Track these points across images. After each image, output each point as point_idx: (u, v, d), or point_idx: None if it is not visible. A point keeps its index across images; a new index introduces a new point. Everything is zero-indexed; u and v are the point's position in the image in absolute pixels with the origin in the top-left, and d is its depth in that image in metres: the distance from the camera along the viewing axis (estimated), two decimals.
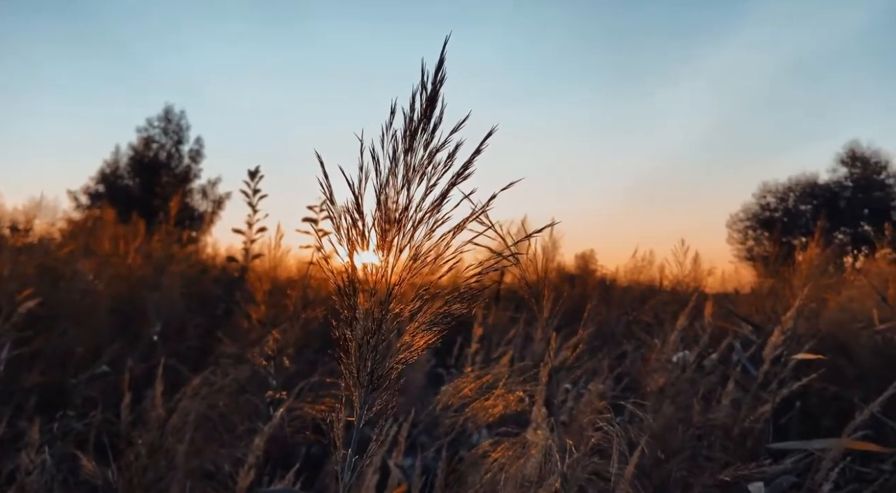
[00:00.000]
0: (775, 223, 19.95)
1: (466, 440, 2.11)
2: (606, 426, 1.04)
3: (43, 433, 1.54)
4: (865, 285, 3.11)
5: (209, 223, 19.43)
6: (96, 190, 21.53)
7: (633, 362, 2.66)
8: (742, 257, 20.20)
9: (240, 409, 1.74)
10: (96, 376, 2.21)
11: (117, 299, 3.11)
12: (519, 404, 1.21)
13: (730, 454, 1.87)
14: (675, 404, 2.05)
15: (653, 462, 1.74)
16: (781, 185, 21.17)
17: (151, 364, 2.51)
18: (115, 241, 4.19)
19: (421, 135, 0.59)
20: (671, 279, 4.16)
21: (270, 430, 1.29)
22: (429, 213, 0.60)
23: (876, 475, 1.76)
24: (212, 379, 1.78)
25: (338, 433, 0.58)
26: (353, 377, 0.58)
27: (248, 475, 1.32)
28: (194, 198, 22.23)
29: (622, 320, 3.62)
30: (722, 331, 2.71)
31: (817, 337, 2.32)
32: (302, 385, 1.81)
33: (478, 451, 1.25)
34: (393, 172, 0.59)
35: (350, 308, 0.58)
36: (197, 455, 1.50)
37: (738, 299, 4.50)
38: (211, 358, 2.59)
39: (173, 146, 22.79)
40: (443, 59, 0.59)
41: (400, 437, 1.46)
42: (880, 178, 19.95)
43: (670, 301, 3.59)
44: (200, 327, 3.16)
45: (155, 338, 2.75)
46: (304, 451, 2.00)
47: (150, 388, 1.67)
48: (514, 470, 1.03)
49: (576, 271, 6.32)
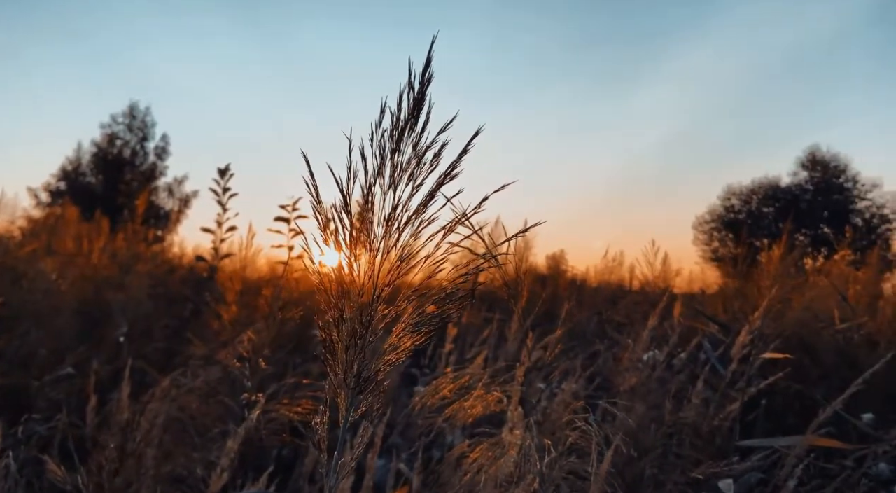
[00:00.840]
0: (739, 225, 20.44)
1: (441, 442, 2.11)
2: (584, 425, 1.05)
3: (6, 437, 1.49)
4: (827, 286, 3.21)
5: (176, 222, 19.05)
6: (58, 187, 20.93)
7: (606, 361, 2.70)
8: (708, 258, 20.66)
9: (211, 411, 1.71)
10: (61, 378, 2.14)
11: (82, 299, 3.03)
12: (497, 405, 1.21)
13: (700, 452, 1.91)
14: (646, 402, 2.08)
15: (626, 461, 1.76)
16: (745, 187, 21.72)
17: (118, 366, 2.45)
18: (79, 240, 4.08)
19: (408, 135, 0.59)
20: (641, 280, 4.23)
21: (245, 432, 1.27)
22: (416, 213, 0.60)
23: (839, 470, 1.81)
24: (181, 381, 1.75)
25: (322, 435, 0.57)
26: (338, 379, 0.57)
27: (220, 478, 1.30)
28: (160, 196, 21.77)
29: (594, 319, 3.67)
30: (691, 330, 2.76)
31: (782, 336, 2.38)
32: (276, 387, 1.78)
33: (455, 452, 1.25)
34: (380, 172, 0.58)
35: (337, 309, 0.57)
36: (167, 459, 1.47)
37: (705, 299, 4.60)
38: (179, 360, 2.53)
39: (138, 143, 22.28)
40: (430, 59, 0.58)
41: (376, 438, 1.45)
42: (839, 181, 20.60)
43: (641, 301, 3.65)
44: (168, 328, 3.09)
45: (121, 339, 2.68)
46: (276, 453, 1.97)
47: (117, 390, 1.63)
48: (493, 471, 1.03)
49: (547, 272, 6.38)
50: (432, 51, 0.59)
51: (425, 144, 0.59)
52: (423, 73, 0.59)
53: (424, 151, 0.59)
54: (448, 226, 0.59)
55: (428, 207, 0.60)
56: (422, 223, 0.60)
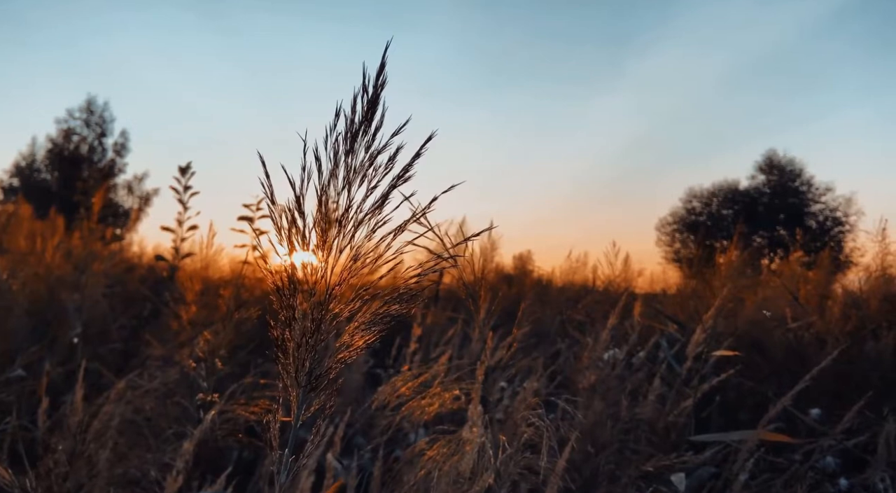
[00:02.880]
0: (700, 227, 20.94)
1: (403, 440, 2.11)
2: (538, 423, 1.07)
3: None
4: (779, 286, 3.32)
5: (135, 220, 18.56)
6: (10, 184, 20.24)
7: (567, 360, 2.74)
8: (669, 259, 21.08)
9: (168, 413, 1.68)
10: (11, 380, 2.08)
11: (34, 299, 2.94)
12: (455, 403, 1.23)
13: (655, 447, 1.96)
14: (604, 400, 2.12)
15: (583, 457, 1.80)
16: (706, 190, 22.25)
17: (71, 368, 2.39)
18: (32, 238, 3.96)
19: (362, 137, 0.60)
20: (604, 280, 4.30)
21: (200, 434, 1.26)
22: (369, 214, 0.61)
23: (788, 464, 1.88)
24: (138, 382, 1.71)
25: (274, 433, 0.58)
26: (290, 377, 0.58)
27: (175, 480, 1.28)
28: (119, 194, 21.22)
29: (557, 319, 3.72)
30: (650, 329, 2.83)
31: (735, 335, 2.46)
32: (234, 387, 1.76)
33: (414, 450, 1.26)
34: (334, 174, 0.59)
35: (289, 308, 0.58)
36: (121, 461, 1.44)
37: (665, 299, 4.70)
38: (136, 361, 2.48)
39: (96, 139, 21.69)
40: (384, 64, 0.59)
41: (336, 437, 1.45)
42: (795, 185, 21.28)
43: (602, 301, 3.71)
44: (125, 329, 3.02)
45: (75, 340, 2.61)
46: (236, 455, 1.95)
47: (70, 393, 1.59)
48: (447, 467, 1.04)
49: (514, 272, 6.43)
50: (386, 55, 0.60)
51: (378, 147, 0.60)
52: (377, 77, 0.60)
53: (377, 153, 0.60)
54: (399, 227, 0.60)
55: (383, 209, 0.62)
56: (376, 224, 0.61)
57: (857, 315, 2.91)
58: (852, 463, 2.02)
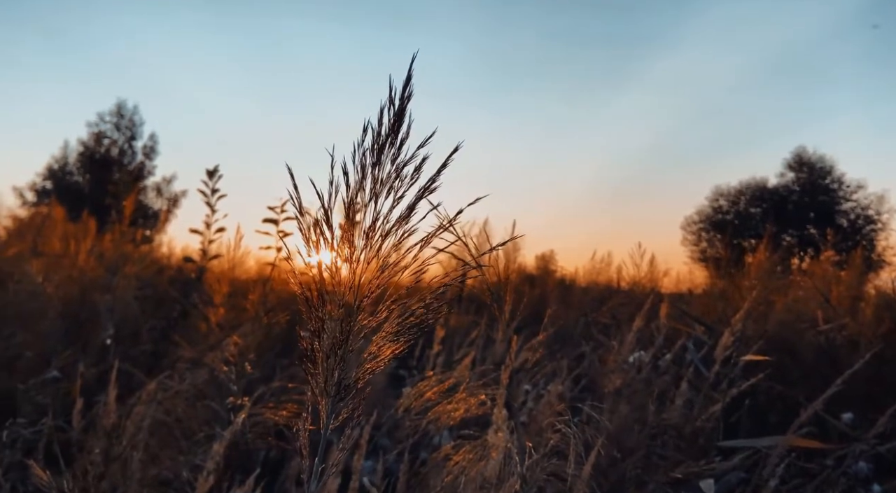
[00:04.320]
0: (727, 226, 20.60)
1: (428, 443, 2.12)
2: (564, 428, 1.06)
3: None
4: (810, 287, 3.25)
5: (164, 222, 18.90)
6: (43, 187, 20.74)
7: (591, 363, 2.72)
8: (696, 259, 20.78)
9: (198, 414, 1.71)
10: (47, 381, 2.13)
11: (68, 301, 3.01)
12: (480, 408, 1.23)
13: (682, 453, 1.93)
14: (630, 404, 2.10)
15: (609, 462, 1.78)
16: (733, 188, 21.87)
17: (104, 369, 2.44)
18: (65, 240, 4.05)
19: (388, 150, 0.60)
20: (628, 280, 4.26)
21: (230, 436, 1.28)
22: (396, 225, 0.61)
23: (819, 470, 1.85)
24: (168, 384, 1.75)
25: (304, 442, 0.59)
26: (319, 387, 0.59)
27: (206, 481, 1.31)
28: (148, 196, 21.64)
29: (581, 321, 3.69)
30: (676, 331, 2.79)
31: (765, 338, 2.42)
32: (262, 391, 1.79)
33: (440, 454, 1.26)
34: (361, 186, 0.60)
35: (318, 319, 0.59)
36: (153, 462, 1.47)
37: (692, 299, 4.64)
38: (166, 362, 2.53)
39: (126, 142, 22.13)
40: (410, 76, 0.60)
41: (361, 440, 1.46)
42: (825, 182, 20.82)
43: (627, 302, 3.68)
44: (155, 330, 3.08)
45: (108, 342, 2.67)
46: (263, 456, 1.98)
47: (103, 393, 1.63)
48: (474, 473, 1.05)
49: (536, 272, 6.40)
50: (412, 69, 0.60)
51: (404, 159, 0.60)
52: (404, 90, 0.60)
53: (403, 165, 0.60)
54: (425, 238, 0.60)
55: (410, 219, 0.62)
56: (403, 234, 0.62)
57: (891, 317, 2.84)
58: (885, 469, 1.97)
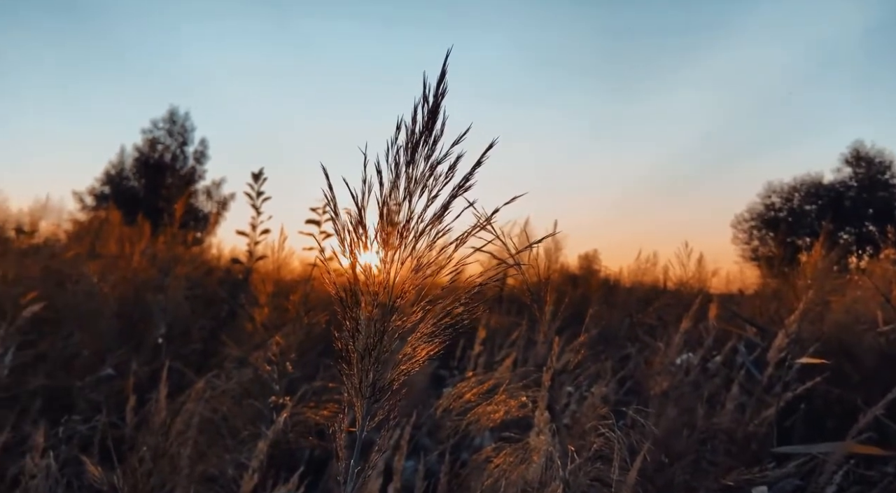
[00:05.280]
0: (780, 223, 19.91)
1: (470, 444, 2.11)
2: (608, 432, 1.04)
3: (48, 437, 1.55)
4: (869, 287, 3.10)
5: (214, 224, 19.47)
6: (102, 191, 21.63)
7: (637, 364, 2.66)
8: (747, 258, 20.16)
9: (243, 413, 1.75)
10: (101, 379, 2.21)
11: (122, 301, 3.12)
12: (521, 410, 1.21)
13: (734, 459, 1.87)
14: (678, 407, 2.05)
15: (656, 467, 1.74)
16: (786, 185, 21.12)
17: (156, 367, 2.52)
18: (121, 243, 4.20)
19: (422, 148, 0.59)
20: (675, 281, 4.16)
21: (273, 434, 1.30)
22: (430, 224, 0.61)
23: (879, 477, 1.76)
24: (215, 383, 1.79)
25: (340, 443, 0.58)
26: (354, 388, 0.59)
27: (251, 479, 1.33)
28: (199, 199, 22.32)
29: (626, 322, 3.62)
30: (726, 333, 2.71)
31: (821, 340, 2.32)
32: (304, 390, 1.81)
33: (481, 456, 1.25)
34: (395, 185, 0.59)
35: (352, 320, 0.59)
36: (201, 460, 1.51)
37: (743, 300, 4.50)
38: (215, 361, 2.59)
39: (178, 147, 22.90)
40: (444, 73, 0.59)
41: (402, 441, 1.46)
42: (884, 178, 19.89)
43: (674, 303, 3.59)
44: (205, 330, 3.16)
45: (159, 341, 2.76)
46: (307, 454, 2.00)
47: (155, 391, 1.67)
48: (514, 476, 1.03)
49: (579, 272, 6.31)
50: (446, 64, 0.59)
51: (439, 157, 0.60)
52: (438, 86, 0.59)
53: (437, 163, 0.59)
54: (460, 237, 0.59)
55: (443, 218, 0.61)
56: (437, 234, 0.61)
57: None
58: None
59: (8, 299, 2.32)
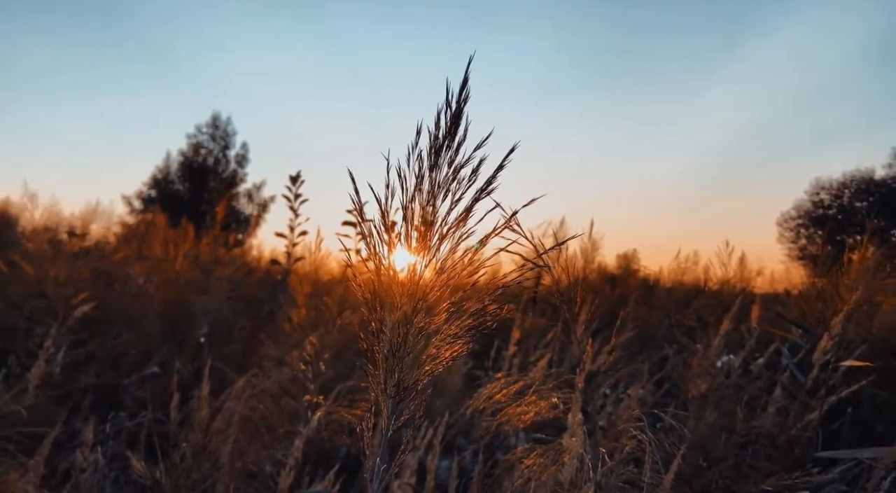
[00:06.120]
0: (828, 221, 19.22)
1: (504, 444, 2.11)
2: (639, 435, 1.03)
3: (96, 432, 1.61)
4: None
5: (255, 226, 19.91)
6: (149, 195, 22.34)
7: (675, 366, 2.62)
8: (794, 257, 19.51)
9: (281, 411, 1.79)
10: (147, 377, 2.29)
11: (166, 302, 3.22)
12: (551, 411, 1.21)
13: (775, 463, 1.82)
14: (718, 410, 2.00)
15: (694, 470, 1.71)
16: (836, 181, 20.35)
17: (199, 366, 2.60)
18: (166, 245, 4.33)
19: (445, 152, 0.60)
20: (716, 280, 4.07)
21: (308, 433, 1.32)
22: (454, 227, 0.61)
23: None
24: (254, 382, 1.83)
25: (366, 442, 0.60)
26: (379, 388, 0.60)
27: (288, 476, 1.36)
28: (240, 201, 22.85)
29: (664, 322, 3.56)
30: (769, 335, 2.64)
31: (869, 342, 2.24)
32: (338, 390, 1.84)
33: (513, 456, 1.25)
34: (419, 189, 0.60)
35: (378, 321, 0.60)
36: (240, 457, 1.55)
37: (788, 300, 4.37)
38: (255, 360, 2.65)
39: (220, 151, 23.48)
40: (467, 79, 0.60)
41: (435, 440, 1.48)
42: None
43: (714, 304, 3.51)
44: (245, 330, 3.24)
45: (202, 340, 2.84)
46: (343, 452, 2.04)
47: (197, 389, 1.73)
48: (545, 477, 1.03)
49: (617, 272, 6.22)
50: (469, 70, 0.60)
51: (462, 161, 0.60)
52: (460, 92, 0.60)
53: (460, 167, 0.60)
54: (482, 240, 0.60)
55: (467, 221, 0.62)
56: (461, 236, 0.62)
57: None
58: None
59: (60, 299, 2.42)
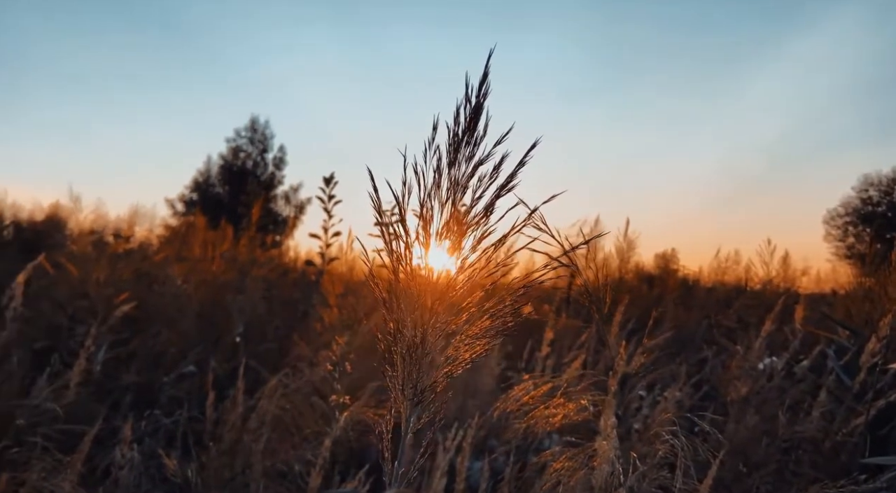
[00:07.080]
0: (878, 218, 18.49)
1: (536, 446, 2.09)
2: (672, 439, 0.99)
3: (136, 430, 1.65)
4: None
5: (292, 227, 20.19)
6: (191, 198, 22.89)
7: (714, 368, 2.54)
8: (841, 255, 18.84)
9: (312, 411, 1.80)
10: (184, 375, 2.34)
11: (204, 302, 3.28)
12: (580, 414, 1.18)
13: (820, 470, 1.75)
14: (759, 413, 1.94)
15: (734, 476, 1.65)
16: (885, 177, 19.57)
17: (234, 365, 2.64)
18: (205, 246, 4.43)
19: (465, 148, 0.59)
20: (758, 280, 3.95)
21: (335, 433, 1.33)
22: (473, 225, 0.60)
23: None
24: (286, 381, 1.85)
25: (386, 443, 0.59)
26: (398, 390, 0.59)
27: (318, 476, 1.37)
28: (278, 203, 23.24)
29: (703, 323, 3.46)
30: (814, 336, 2.54)
31: None
32: (365, 390, 1.85)
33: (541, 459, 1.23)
34: (437, 184, 0.59)
35: (395, 321, 0.59)
36: (272, 455, 1.56)
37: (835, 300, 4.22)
38: (288, 360, 2.68)
39: (259, 154, 23.92)
40: (486, 73, 0.58)
41: (465, 442, 1.46)
42: None
43: (756, 304, 3.40)
44: (279, 330, 3.28)
45: (237, 340, 2.89)
46: (375, 452, 2.04)
47: (233, 388, 1.75)
48: (573, 481, 1.01)
49: (655, 272, 6.09)
50: (489, 65, 0.59)
51: (482, 157, 0.59)
52: (480, 86, 0.59)
53: (480, 163, 0.59)
54: (501, 239, 0.58)
55: (488, 219, 0.61)
56: (482, 234, 0.60)
57: None
58: None
59: (101, 299, 2.49)
